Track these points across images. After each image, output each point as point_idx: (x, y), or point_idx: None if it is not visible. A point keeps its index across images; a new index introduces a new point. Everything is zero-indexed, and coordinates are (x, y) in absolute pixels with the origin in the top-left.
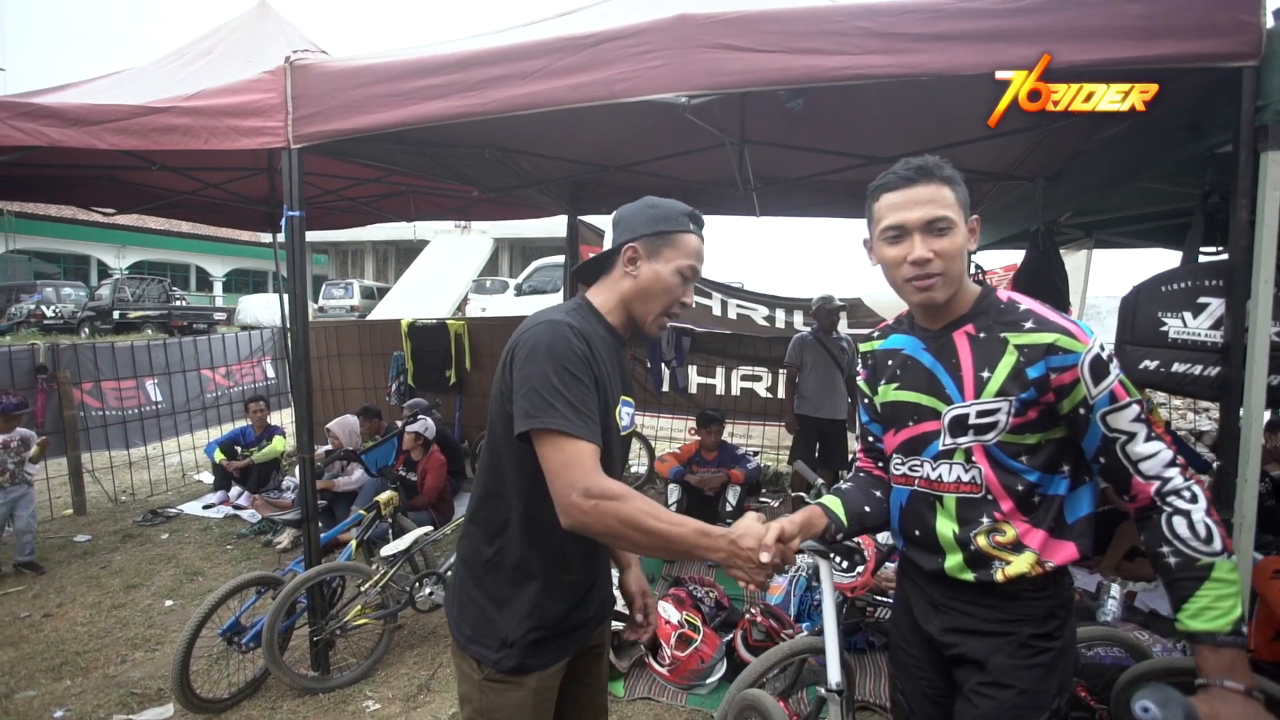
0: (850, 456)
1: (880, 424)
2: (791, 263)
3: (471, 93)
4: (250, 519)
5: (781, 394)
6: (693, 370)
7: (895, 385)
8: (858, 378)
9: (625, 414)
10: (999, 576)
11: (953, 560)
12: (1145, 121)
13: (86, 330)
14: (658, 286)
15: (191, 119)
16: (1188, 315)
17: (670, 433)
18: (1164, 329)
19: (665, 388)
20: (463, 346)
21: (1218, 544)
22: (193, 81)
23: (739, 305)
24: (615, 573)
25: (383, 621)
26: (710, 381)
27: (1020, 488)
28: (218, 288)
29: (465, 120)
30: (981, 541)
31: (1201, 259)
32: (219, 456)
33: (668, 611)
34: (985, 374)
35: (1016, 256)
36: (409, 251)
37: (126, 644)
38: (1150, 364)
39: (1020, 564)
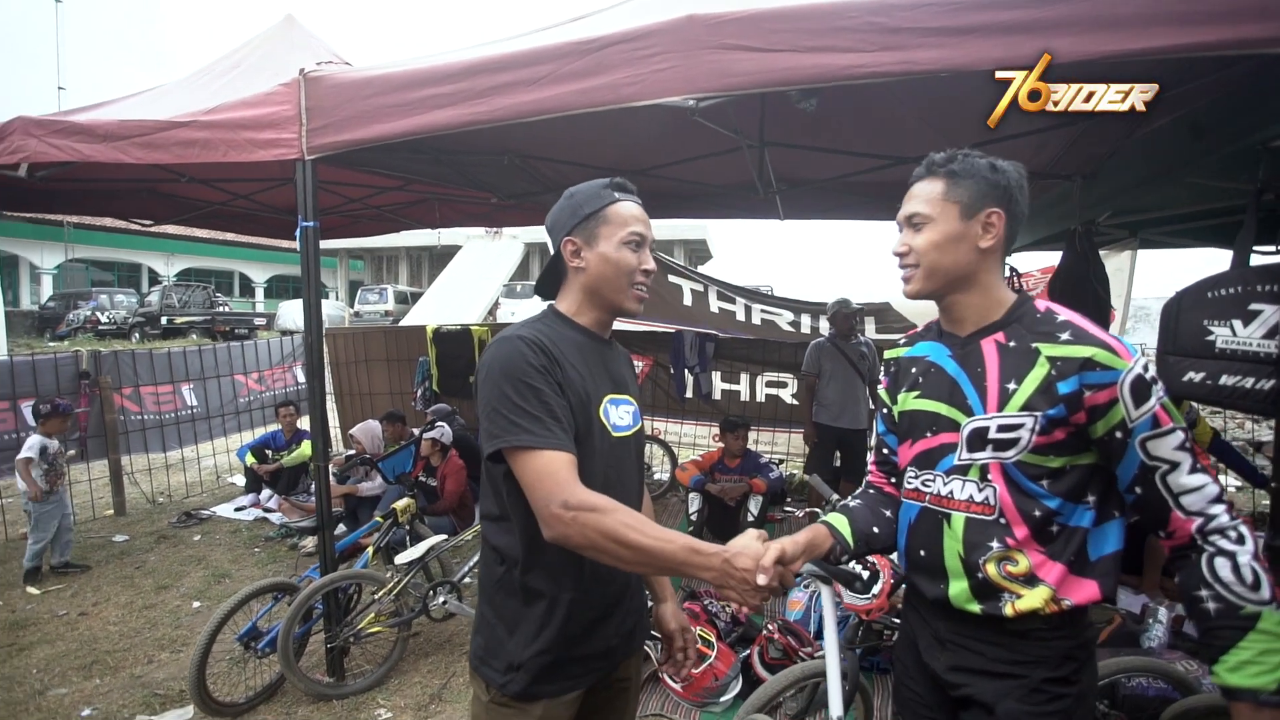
0: None
1: (897, 435)
2: (820, 267)
3: (479, 100)
4: (278, 522)
5: None
6: (717, 376)
7: (916, 393)
8: (879, 387)
9: (622, 413)
10: (1008, 611)
11: (957, 587)
12: (1188, 116)
13: (137, 335)
14: (609, 268)
15: (210, 132)
16: (1237, 323)
17: (694, 439)
18: (1210, 338)
19: (689, 393)
20: None
21: (1265, 592)
22: (218, 96)
23: (763, 310)
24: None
25: (396, 629)
26: (735, 388)
27: (1037, 514)
28: (259, 293)
29: (474, 128)
30: (990, 569)
31: (1254, 260)
32: (250, 460)
33: None
34: (1011, 385)
35: (1055, 259)
36: (442, 257)
37: (154, 644)
38: (1195, 376)
39: (1033, 599)
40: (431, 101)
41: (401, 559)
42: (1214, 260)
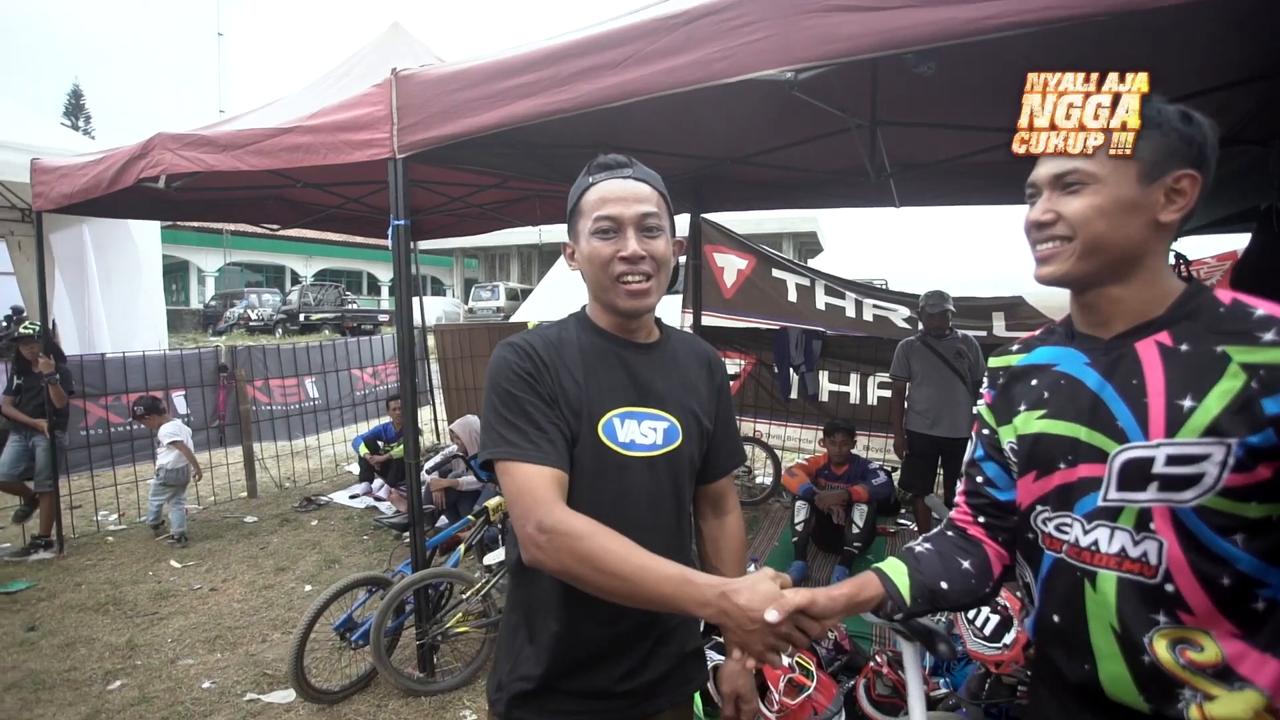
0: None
1: (1002, 464)
2: (941, 257)
3: (560, 88)
4: (387, 511)
5: None
6: (824, 376)
7: (1040, 413)
8: (979, 402)
9: (643, 429)
10: (1193, 716)
11: (1111, 670)
12: None
13: (279, 331)
14: (588, 267)
15: (312, 137)
16: None
17: (799, 442)
18: None
19: (793, 394)
20: None
21: None
22: (325, 102)
23: (876, 305)
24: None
25: (483, 630)
26: (844, 389)
27: (1226, 581)
28: (384, 291)
29: (558, 117)
30: (1160, 650)
31: None
32: (363, 450)
33: None
34: (1187, 403)
35: (1236, 243)
36: (551, 254)
37: (269, 624)
38: None
39: (1233, 706)
40: (515, 92)
41: (490, 559)
42: None
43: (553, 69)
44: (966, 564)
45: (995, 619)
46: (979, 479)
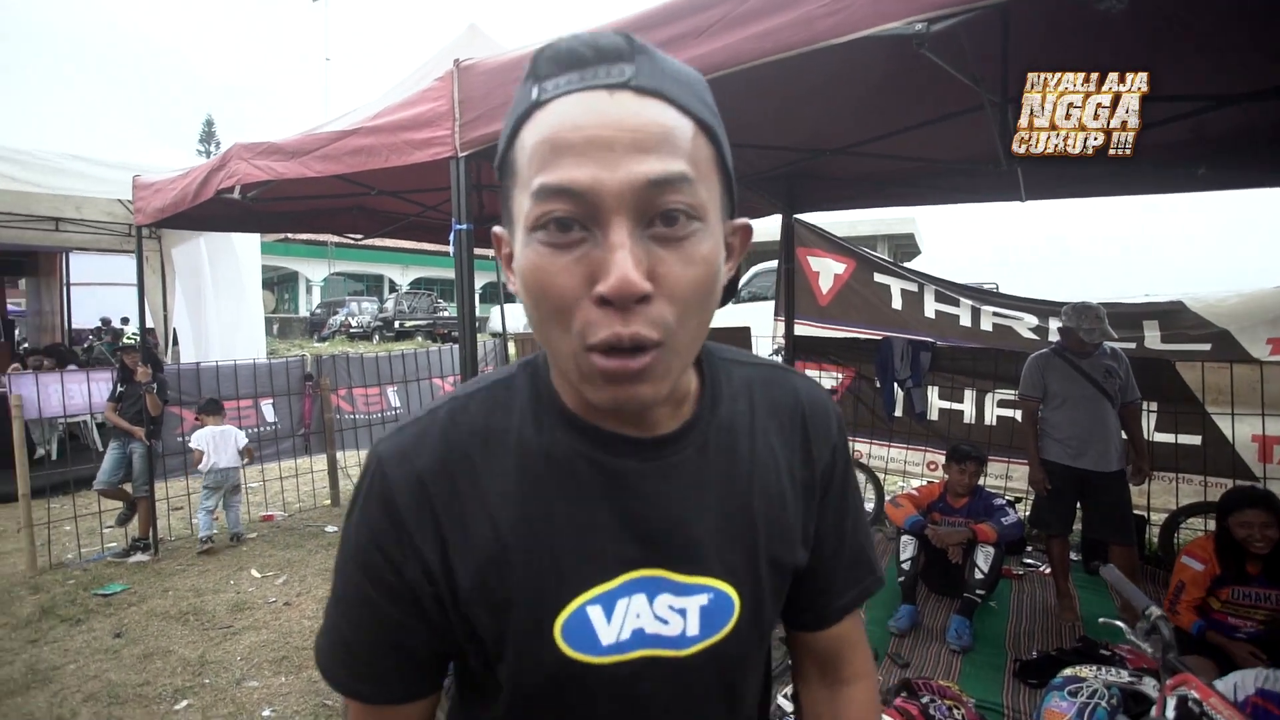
0: (1131, 530)
1: None
2: (1064, 257)
3: None
4: None
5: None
6: (933, 392)
7: None
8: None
9: (659, 609)
10: None
11: None
12: None
13: (377, 337)
14: (525, 299)
15: (374, 138)
16: None
17: (903, 465)
18: None
19: (898, 411)
20: None
21: None
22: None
23: (997, 313)
24: None
25: None
26: (957, 407)
27: None
28: (475, 298)
29: None
30: None
31: None
32: None
33: None
34: None
35: None
36: None
37: None
38: None
39: None
40: None
41: None
42: None
43: None
44: None
45: None
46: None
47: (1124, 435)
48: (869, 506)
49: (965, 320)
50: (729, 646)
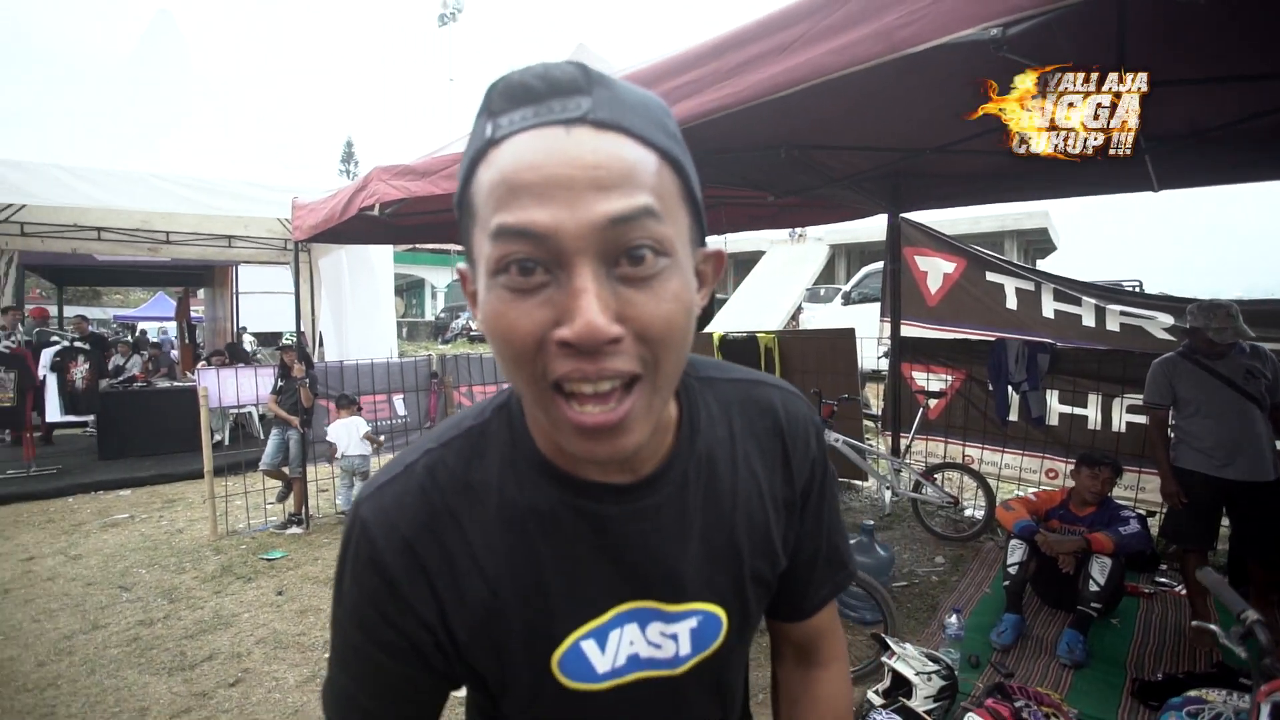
0: None
1: None
2: (1216, 252)
3: (723, 83)
4: None
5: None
6: (1053, 396)
7: None
8: None
9: (651, 635)
10: None
11: None
12: None
13: None
14: (492, 341)
15: None
16: None
17: (1018, 472)
18: None
19: (1012, 416)
20: (773, 360)
21: None
22: None
23: (1125, 313)
24: None
25: None
26: (1080, 411)
27: None
28: None
29: (724, 113)
30: None
31: None
32: None
33: None
34: None
35: None
36: (746, 263)
37: None
38: None
39: None
40: (676, 94)
41: None
42: None
43: (714, 64)
44: None
45: None
46: None
47: (1278, 441)
48: (979, 514)
49: (1089, 320)
50: (718, 656)
